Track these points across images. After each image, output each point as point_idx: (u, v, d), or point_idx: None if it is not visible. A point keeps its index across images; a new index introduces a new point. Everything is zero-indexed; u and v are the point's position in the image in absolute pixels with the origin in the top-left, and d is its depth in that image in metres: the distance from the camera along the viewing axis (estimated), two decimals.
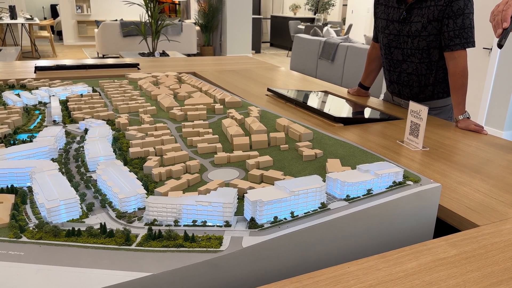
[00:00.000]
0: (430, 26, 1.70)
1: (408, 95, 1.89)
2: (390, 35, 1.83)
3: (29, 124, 1.53)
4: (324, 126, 1.60)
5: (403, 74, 1.86)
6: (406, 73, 1.84)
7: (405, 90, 1.89)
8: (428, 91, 1.84)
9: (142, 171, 1.09)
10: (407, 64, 1.82)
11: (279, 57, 10.85)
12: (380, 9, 1.89)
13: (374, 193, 0.89)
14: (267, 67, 3.01)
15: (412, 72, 1.82)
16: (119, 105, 1.72)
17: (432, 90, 1.83)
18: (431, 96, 1.85)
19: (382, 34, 1.89)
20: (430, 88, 1.83)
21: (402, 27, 1.78)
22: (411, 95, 1.88)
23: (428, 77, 1.81)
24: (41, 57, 9.18)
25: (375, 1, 1.94)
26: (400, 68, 1.85)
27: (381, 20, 1.88)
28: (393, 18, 1.81)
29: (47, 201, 0.83)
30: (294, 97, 1.93)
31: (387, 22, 1.84)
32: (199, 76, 2.61)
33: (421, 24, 1.71)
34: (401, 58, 1.83)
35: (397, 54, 1.84)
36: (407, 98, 1.91)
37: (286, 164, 1.11)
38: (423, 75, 1.80)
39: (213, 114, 1.64)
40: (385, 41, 1.87)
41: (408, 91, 1.88)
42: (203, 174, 1.08)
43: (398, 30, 1.80)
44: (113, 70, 2.62)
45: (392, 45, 1.84)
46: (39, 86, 2.11)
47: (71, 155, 1.20)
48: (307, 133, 1.25)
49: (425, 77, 1.81)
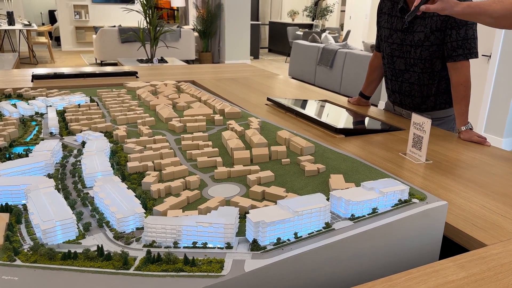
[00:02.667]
0: (433, 36, 1.68)
1: (410, 105, 1.88)
2: (393, 44, 1.82)
3: (25, 136, 1.51)
4: (325, 138, 1.57)
5: (405, 84, 1.84)
6: (408, 82, 1.83)
7: (407, 100, 1.87)
8: (430, 102, 1.82)
9: (141, 187, 1.07)
10: (409, 74, 1.81)
11: (278, 63, 10.86)
12: (383, 18, 1.88)
13: (380, 212, 0.87)
14: (266, 75, 2.99)
15: (414, 82, 1.80)
16: (117, 116, 1.70)
17: (434, 101, 1.82)
18: (433, 106, 1.83)
19: (385, 43, 1.88)
20: (432, 98, 1.81)
21: (405, 37, 1.77)
22: (412, 105, 1.87)
23: (430, 88, 1.79)
24: (39, 63, 9.16)
25: (378, 10, 1.93)
26: (402, 77, 1.84)
27: (384, 29, 1.87)
28: (396, 27, 1.80)
29: (42, 222, 0.80)
30: (294, 107, 1.91)
31: (390, 31, 1.83)
32: (198, 85, 2.59)
33: (424, 34, 1.70)
34: (403, 67, 1.82)
35: (399, 63, 1.82)
36: (409, 108, 1.89)
37: (288, 179, 1.08)
38: (425, 85, 1.79)
39: (213, 126, 1.62)
40: (388, 50, 1.86)
41: (410, 101, 1.87)
42: (203, 190, 1.05)
43: (401, 39, 1.79)
44: (111, 79, 2.59)
45: (395, 54, 1.83)
46: (36, 95, 2.08)
47: (68, 170, 1.17)
48: (309, 147, 1.23)
49: (427, 87, 1.79)
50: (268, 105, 2.07)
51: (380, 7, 1.91)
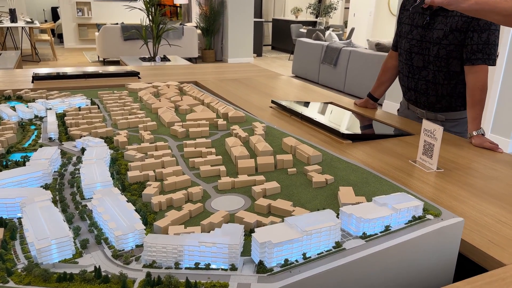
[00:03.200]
0: (451, 35, 1.66)
1: (425, 103, 1.84)
2: (412, 40, 1.80)
3: (23, 141, 1.47)
4: (331, 143, 1.53)
5: (421, 82, 1.81)
6: (424, 80, 1.80)
7: (422, 98, 1.84)
8: (445, 102, 1.79)
9: (141, 198, 1.03)
10: (426, 71, 1.78)
11: (281, 60, 10.79)
12: (405, 15, 1.87)
13: (393, 229, 0.82)
14: (270, 75, 2.95)
15: (431, 80, 1.77)
16: (118, 120, 1.65)
17: (450, 101, 1.78)
18: (448, 107, 1.80)
19: (404, 39, 1.86)
20: (447, 99, 1.78)
21: (425, 33, 1.75)
22: (427, 104, 1.84)
23: (446, 87, 1.75)
24: (41, 60, 9.13)
25: (400, 7, 1.92)
26: (419, 75, 1.81)
27: (405, 25, 1.86)
28: (417, 23, 1.78)
29: (37, 241, 0.76)
30: (299, 110, 1.86)
31: (411, 27, 1.82)
32: (200, 86, 2.54)
33: (443, 32, 1.68)
34: (421, 64, 1.79)
35: (417, 60, 1.79)
36: (424, 107, 1.86)
37: (295, 191, 1.04)
38: (440, 84, 1.76)
39: (216, 130, 1.57)
40: (407, 46, 1.84)
41: (425, 100, 1.83)
42: (206, 202, 1.01)
43: (421, 35, 1.77)
44: (113, 80, 2.55)
45: (414, 50, 1.80)
46: (36, 97, 2.05)
47: (66, 180, 1.13)
48: (316, 155, 1.19)
49: (442, 87, 1.76)
50: (272, 107, 2.02)
51: (403, 4, 1.90)
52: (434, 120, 1.83)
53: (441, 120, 1.83)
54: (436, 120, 1.84)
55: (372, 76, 5.93)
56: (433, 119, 1.83)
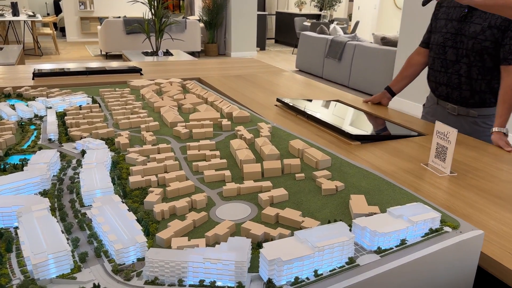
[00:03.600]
0: (489, 31, 1.63)
1: (457, 98, 1.80)
2: (447, 34, 1.78)
3: (22, 142, 1.43)
4: (339, 145, 1.48)
5: (454, 76, 1.77)
6: (457, 74, 1.76)
7: (455, 93, 1.80)
8: (479, 97, 1.75)
9: (143, 205, 0.98)
10: (459, 65, 1.75)
11: (284, 54, 10.70)
12: (441, 11, 1.86)
13: (409, 243, 0.78)
14: (274, 71, 2.89)
15: (464, 74, 1.74)
16: (119, 120, 1.61)
17: (484, 97, 1.74)
18: (481, 103, 1.76)
19: (438, 33, 1.83)
20: (481, 95, 1.74)
21: (461, 26, 1.73)
22: (460, 99, 1.79)
23: (480, 83, 1.72)
24: (43, 54, 9.09)
25: (437, 4, 1.89)
26: (452, 69, 1.78)
27: (440, 20, 1.84)
28: (453, 17, 1.77)
29: (33, 255, 0.72)
30: (305, 109, 1.81)
31: (446, 21, 1.80)
32: (204, 83, 2.49)
33: (481, 27, 1.65)
34: (454, 58, 1.76)
35: (451, 53, 1.77)
36: (456, 102, 1.82)
37: (303, 198, 0.99)
38: (474, 79, 1.73)
39: (220, 131, 1.52)
40: (440, 40, 1.81)
41: (458, 94, 1.79)
42: (210, 210, 0.97)
43: (456, 29, 1.75)
44: (114, 76, 2.51)
45: (448, 44, 1.77)
46: (36, 95, 2.00)
47: (65, 185, 1.09)
48: (325, 160, 1.14)
49: (476, 82, 1.73)
50: (277, 106, 1.97)
51: (440, 2, 1.88)
52: (466, 116, 1.80)
53: (473, 116, 1.80)
54: (468, 116, 1.80)
55: (377, 71, 5.85)
56: (465, 115, 1.81)
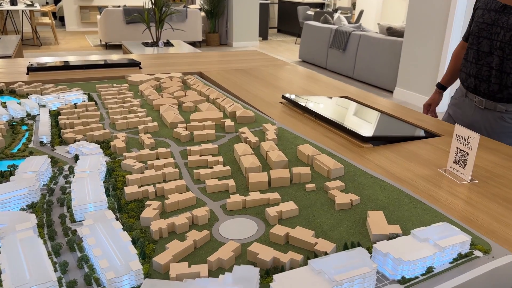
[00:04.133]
0: None
1: (485, 91, 1.73)
2: (482, 24, 1.72)
3: (12, 145, 1.34)
4: (350, 148, 1.39)
5: (484, 68, 1.71)
6: (488, 66, 1.69)
7: (483, 85, 1.73)
8: (507, 93, 1.68)
9: (139, 221, 0.90)
10: (492, 58, 1.68)
11: (287, 44, 10.54)
12: (481, 1, 1.79)
13: (436, 271, 0.69)
14: (278, 64, 2.79)
15: (495, 67, 1.67)
16: (116, 120, 1.52)
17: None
18: (510, 98, 1.68)
19: (474, 23, 1.78)
20: (511, 90, 1.66)
21: (499, 17, 1.66)
22: (488, 92, 1.72)
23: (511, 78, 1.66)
24: (42, 44, 8.97)
25: None
26: (484, 60, 1.71)
27: (478, 10, 1.79)
28: (491, 7, 1.70)
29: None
30: (312, 107, 1.71)
31: (483, 11, 1.74)
32: (205, 78, 2.40)
33: None
34: (487, 49, 1.69)
35: (484, 45, 1.70)
36: (483, 95, 1.75)
37: (315, 213, 0.90)
38: (506, 73, 1.65)
39: (223, 132, 1.44)
40: (476, 30, 1.75)
41: (486, 87, 1.72)
42: (213, 227, 0.88)
43: (493, 19, 1.68)
44: (113, 71, 2.41)
45: (482, 34, 1.71)
46: (30, 92, 1.92)
47: (56, 196, 1.00)
48: (337, 169, 1.05)
49: (507, 76, 1.66)
50: (283, 103, 1.88)
51: None
52: (494, 111, 1.74)
53: (500, 111, 1.72)
54: (495, 110, 1.74)
55: (383, 62, 5.72)
56: (492, 109, 1.74)
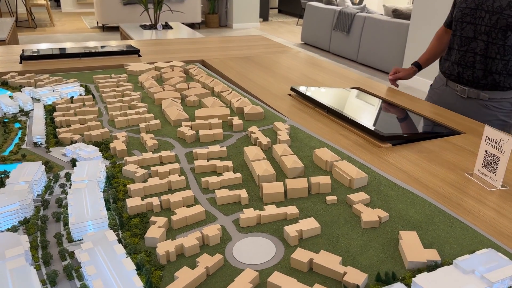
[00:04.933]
0: None
1: (469, 78, 1.68)
2: (465, 9, 1.67)
3: (4, 146, 1.25)
4: (368, 147, 1.29)
5: (468, 54, 1.66)
6: (472, 52, 1.65)
7: (467, 72, 1.68)
8: (492, 79, 1.63)
9: (143, 240, 0.81)
10: (476, 43, 1.63)
11: (288, 25, 10.30)
12: None
13: None
14: (282, 50, 2.66)
15: (480, 52, 1.62)
16: (115, 117, 1.42)
17: (498, 79, 1.62)
18: (494, 85, 1.64)
19: (457, 9, 1.72)
20: (496, 76, 1.62)
21: (483, 1, 1.60)
22: (472, 79, 1.68)
23: (497, 63, 1.60)
24: (37, 26, 8.74)
25: None
26: (468, 46, 1.66)
27: None
28: None
29: None
30: (323, 100, 1.61)
31: None
32: (208, 66, 2.28)
33: (508, 1, 1.53)
34: (471, 35, 1.65)
35: (468, 30, 1.66)
36: (466, 82, 1.70)
37: (339, 232, 0.82)
38: (491, 58, 1.61)
39: (231, 131, 1.34)
40: (459, 15, 1.70)
41: (470, 74, 1.67)
42: (226, 248, 0.79)
43: (476, 3, 1.63)
44: (110, 59, 2.29)
45: (465, 19, 1.66)
46: (23, 83, 1.81)
47: (51, 210, 0.91)
48: (360, 178, 0.96)
49: (492, 61, 1.61)
50: (291, 96, 1.77)
51: None
52: (477, 99, 1.69)
53: (483, 99, 1.69)
54: (478, 99, 1.69)
55: (388, 45, 5.57)
56: (475, 98, 1.70)
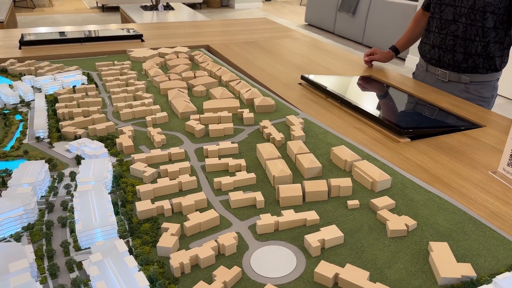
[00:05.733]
0: None
1: (450, 62, 1.67)
2: None
3: (5, 141, 1.19)
4: (385, 142, 1.23)
5: (449, 37, 1.64)
6: (452, 35, 1.63)
7: (447, 56, 1.67)
8: (472, 61, 1.62)
9: (155, 249, 0.77)
10: (456, 25, 1.61)
11: (291, 5, 10.09)
12: None
13: None
14: (288, 34, 2.57)
15: (460, 35, 1.61)
16: (120, 108, 1.36)
17: (478, 62, 1.62)
18: (474, 67, 1.63)
19: None
20: (475, 58, 1.61)
21: None
22: (452, 63, 1.66)
23: (476, 45, 1.59)
24: (36, 7, 8.57)
25: None
26: (448, 29, 1.64)
27: None
28: None
29: None
30: (335, 89, 1.54)
31: None
32: (213, 52, 2.20)
33: None
34: (451, 17, 1.62)
35: (447, 12, 1.63)
36: (447, 66, 1.69)
37: (364, 241, 0.77)
38: (470, 40, 1.59)
39: (241, 125, 1.28)
40: None
41: (450, 58, 1.66)
42: (243, 258, 0.75)
43: None
44: (113, 44, 2.21)
45: (445, 1, 1.64)
46: (23, 71, 1.74)
47: (56, 214, 0.86)
48: (384, 181, 0.90)
49: (472, 44, 1.59)
50: (302, 85, 1.70)
51: None
52: (458, 83, 1.69)
53: (465, 82, 1.67)
54: (459, 82, 1.68)
55: (395, 27, 5.44)
56: (456, 81, 1.69)
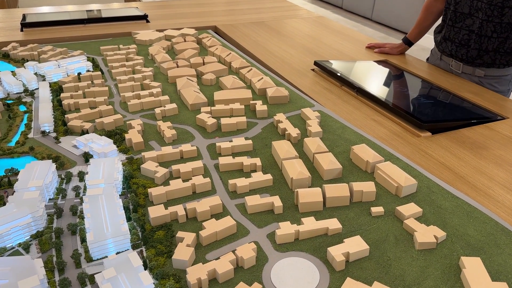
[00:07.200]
0: None
1: (463, 57, 1.59)
2: None
3: (9, 135, 1.15)
4: (405, 137, 1.18)
5: (463, 31, 1.55)
6: (467, 30, 1.54)
7: (461, 50, 1.58)
8: (488, 58, 1.53)
9: (170, 260, 0.73)
10: (472, 20, 1.51)
11: None
12: None
13: None
14: (299, 13, 2.47)
15: (475, 30, 1.51)
16: (128, 99, 1.31)
17: (494, 57, 1.53)
18: (490, 63, 1.55)
19: None
20: (491, 54, 1.52)
21: None
22: (466, 58, 1.58)
23: (493, 41, 1.49)
24: None
25: None
26: (463, 23, 1.55)
27: None
28: None
29: None
30: (351, 79, 1.48)
31: None
32: (221, 34, 2.12)
33: None
34: (467, 11, 1.52)
35: (463, 5, 1.53)
36: (461, 60, 1.60)
37: (390, 254, 0.73)
38: (487, 36, 1.49)
39: (254, 118, 1.22)
40: None
41: (464, 53, 1.57)
42: (263, 271, 0.71)
43: None
44: (117, 25, 2.14)
45: None
46: (26, 56, 1.69)
47: (66, 219, 0.83)
48: (409, 185, 0.85)
49: (488, 40, 1.50)
50: (315, 71, 1.64)
51: None
52: (471, 75, 1.61)
53: (479, 75, 1.59)
54: (473, 75, 1.60)
55: (405, 2, 5.26)
56: (470, 74, 1.61)
